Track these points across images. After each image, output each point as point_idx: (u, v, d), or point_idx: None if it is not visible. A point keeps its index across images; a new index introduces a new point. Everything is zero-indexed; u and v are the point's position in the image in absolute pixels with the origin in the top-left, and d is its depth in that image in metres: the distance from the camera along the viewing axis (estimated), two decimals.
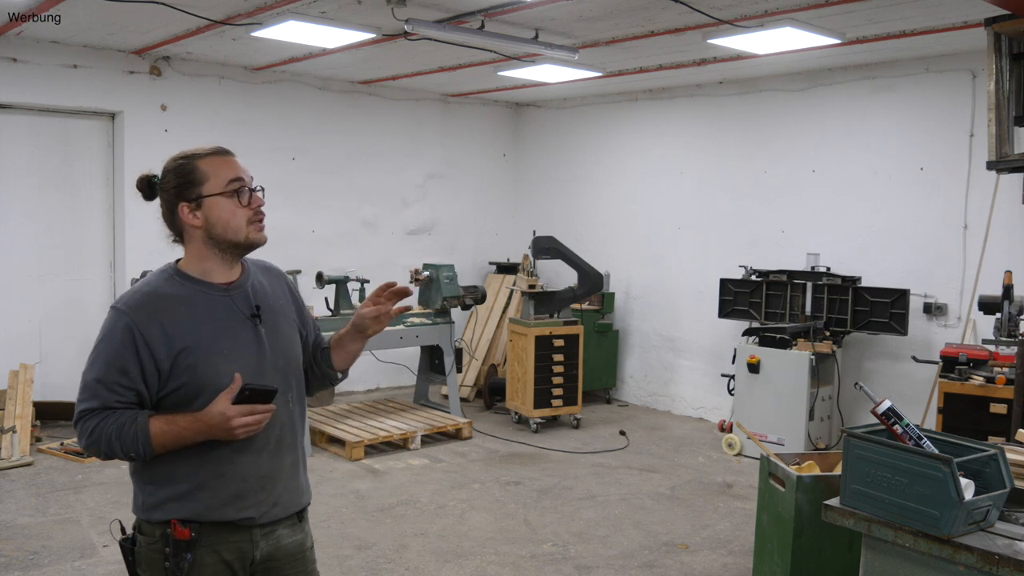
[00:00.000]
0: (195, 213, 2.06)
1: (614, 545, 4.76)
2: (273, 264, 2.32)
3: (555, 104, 9.13)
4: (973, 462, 2.42)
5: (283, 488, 2.14)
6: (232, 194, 2.05)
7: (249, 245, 2.10)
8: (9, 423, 5.99)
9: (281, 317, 2.20)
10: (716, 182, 7.66)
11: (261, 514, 2.08)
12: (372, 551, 4.59)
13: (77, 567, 4.29)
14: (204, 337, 2.01)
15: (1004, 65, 4.77)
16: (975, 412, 4.88)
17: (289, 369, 2.18)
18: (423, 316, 7.17)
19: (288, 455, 2.16)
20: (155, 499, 2.03)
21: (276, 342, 2.14)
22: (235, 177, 2.06)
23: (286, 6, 5.17)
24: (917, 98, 6.37)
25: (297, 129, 7.89)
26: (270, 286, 2.22)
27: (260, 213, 2.10)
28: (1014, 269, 5.26)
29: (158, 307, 2.00)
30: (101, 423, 1.96)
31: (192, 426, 1.95)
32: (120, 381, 1.96)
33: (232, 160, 2.11)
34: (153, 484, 2.04)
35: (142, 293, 2.04)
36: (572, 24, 5.58)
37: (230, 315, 2.08)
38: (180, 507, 2.01)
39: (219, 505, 2.03)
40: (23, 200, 6.78)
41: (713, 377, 7.57)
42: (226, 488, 2.03)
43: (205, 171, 2.06)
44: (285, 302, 2.25)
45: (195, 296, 2.06)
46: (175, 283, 2.07)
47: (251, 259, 2.23)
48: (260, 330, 2.11)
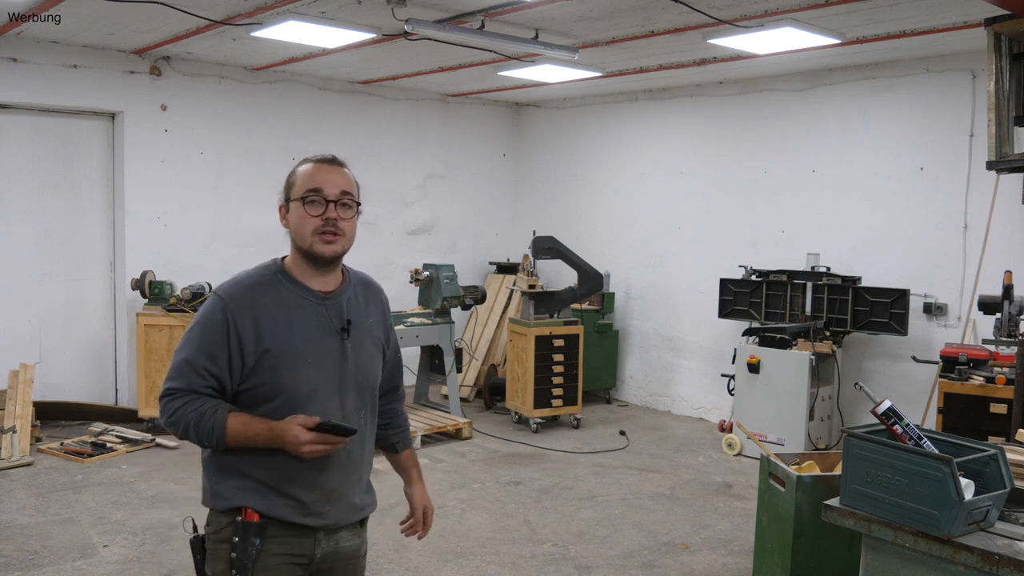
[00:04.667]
0: (285, 215, 2.14)
1: (614, 545, 4.76)
2: (373, 280, 2.35)
3: (555, 104, 9.13)
4: (973, 462, 2.43)
5: (347, 502, 2.18)
6: (305, 202, 2.08)
7: (313, 256, 2.10)
8: (9, 423, 5.99)
9: (368, 335, 2.22)
10: (716, 182, 7.65)
11: (323, 525, 2.12)
12: (372, 551, 4.59)
13: (77, 567, 4.29)
14: (292, 342, 2.05)
15: (1004, 65, 4.77)
16: (975, 412, 4.88)
17: (366, 386, 2.21)
18: (423, 316, 7.17)
19: (356, 470, 2.20)
20: (226, 487, 2.08)
21: (359, 359, 2.17)
22: (313, 188, 2.08)
23: (286, 6, 5.17)
24: (917, 98, 6.37)
25: (297, 129, 7.89)
26: (364, 302, 2.25)
27: (330, 225, 2.08)
28: (1014, 269, 5.26)
29: (255, 301, 2.05)
30: (184, 406, 2.02)
31: (265, 434, 2.00)
32: (207, 366, 2.02)
33: (324, 169, 2.12)
34: (223, 472, 2.08)
35: (243, 284, 2.09)
36: (572, 24, 5.58)
37: (321, 325, 2.11)
38: (249, 498, 2.06)
39: (283, 507, 2.07)
40: (23, 200, 6.78)
41: (713, 377, 7.57)
42: (293, 494, 2.08)
43: (298, 176, 2.12)
44: (375, 320, 2.27)
45: (292, 299, 2.09)
46: (276, 281, 2.11)
47: (355, 271, 2.28)
48: (347, 344, 2.14)
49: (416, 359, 7.78)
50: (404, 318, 7.07)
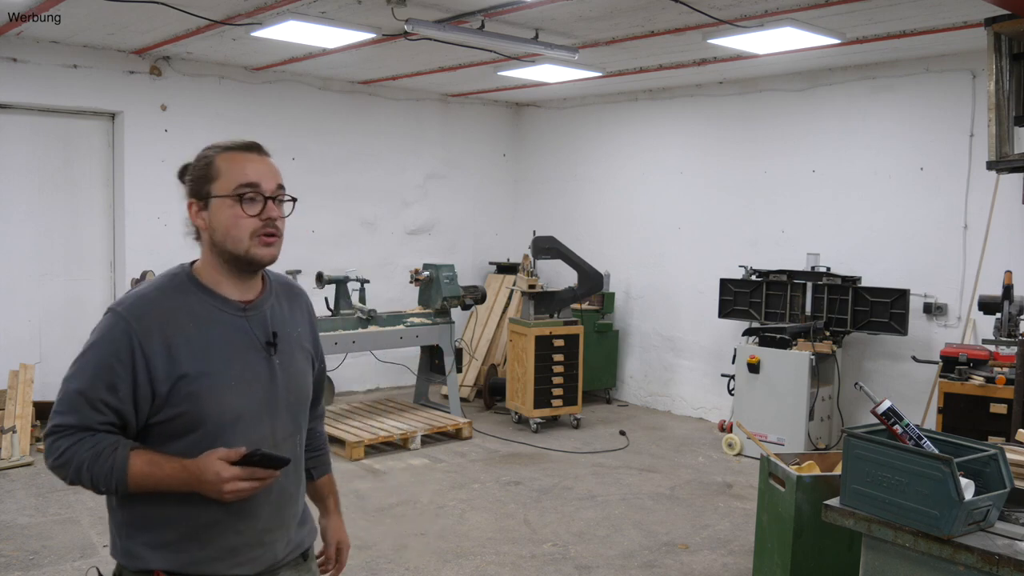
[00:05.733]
0: (201, 213, 1.81)
1: (614, 545, 4.76)
2: (295, 282, 2.07)
3: (555, 104, 9.13)
4: (973, 462, 2.42)
5: (284, 541, 1.90)
6: (238, 199, 1.77)
7: (249, 261, 1.80)
8: (9, 423, 5.99)
9: (297, 348, 1.94)
10: (716, 182, 7.65)
11: (256, 572, 1.84)
12: (372, 551, 4.59)
13: (77, 567, 4.28)
14: (213, 363, 1.75)
15: (1004, 65, 4.76)
16: (975, 412, 4.88)
17: (299, 407, 1.93)
18: (423, 316, 7.17)
19: (292, 504, 1.93)
20: (134, 544, 1.77)
21: (290, 376, 1.89)
22: (247, 182, 1.77)
23: (286, 6, 5.17)
24: (917, 98, 6.37)
25: (297, 129, 7.89)
26: (289, 310, 1.96)
27: (271, 226, 1.79)
28: (1014, 269, 5.26)
29: (165, 318, 1.74)
30: (75, 445, 1.69)
31: (178, 475, 1.69)
32: (106, 399, 1.70)
33: (255, 159, 1.82)
34: (132, 527, 1.78)
35: (148, 298, 1.77)
36: (572, 24, 5.58)
37: (244, 341, 1.82)
38: (164, 557, 1.75)
39: (208, 559, 1.78)
40: (23, 200, 6.78)
41: (713, 377, 7.57)
42: (219, 541, 1.78)
43: (220, 167, 1.79)
44: (303, 329, 1.99)
45: (208, 312, 1.79)
46: (187, 291, 1.80)
47: (273, 274, 1.97)
48: (274, 361, 1.85)
49: (416, 359, 7.78)
50: (404, 318, 7.08)
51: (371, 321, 6.84)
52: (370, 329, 6.83)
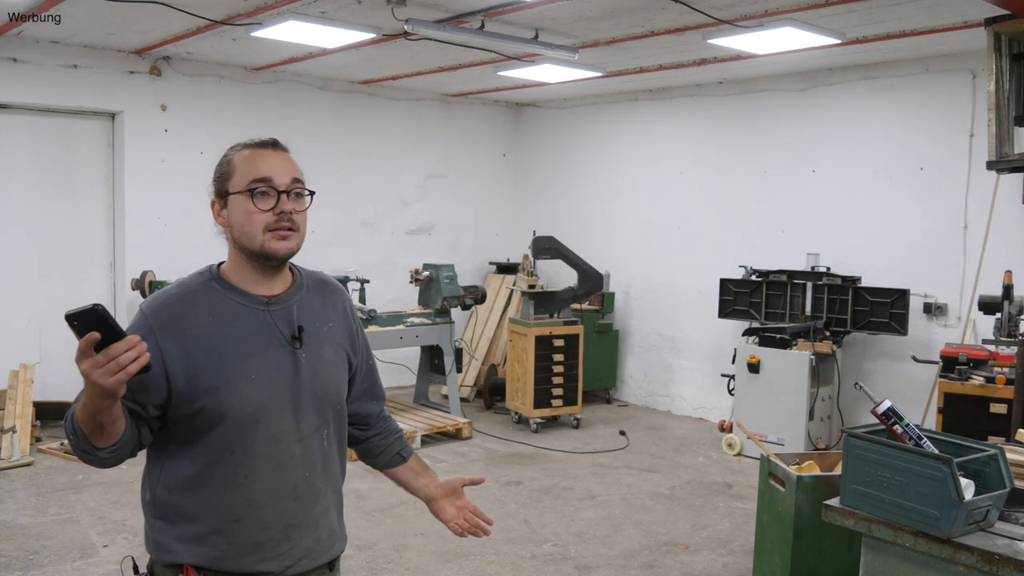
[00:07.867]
0: (223, 212, 1.86)
1: (614, 545, 4.76)
2: (331, 279, 2.05)
3: (555, 104, 9.13)
4: (973, 462, 2.43)
5: (312, 538, 1.89)
6: (250, 195, 1.80)
7: (266, 255, 1.81)
8: (9, 423, 5.99)
9: (327, 342, 1.93)
10: (716, 182, 7.65)
11: (283, 568, 1.84)
12: (372, 551, 4.60)
13: (77, 567, 4.29)
14: (230, 357, 1.78)
15: (1004, 65, 4.77)
16: (975, 412, 4.88)
17: (327, 403, 1.92)
18: (423, 316, 7.17)
19: (319, 500, 1.91)
20: (165, 538, 1.81)
21: (317, 371, 1.88)
22: (260, 177, 1.80)
23: (286, 6, 5.17)
24: (917, 98, 6.37)
25: (297, 129, 7.87)
26: (321, 305, 1.95)
27: (285, 220, 1.81)
28: (1014, 269, 5.26)
29: (184, 314, 1.78)
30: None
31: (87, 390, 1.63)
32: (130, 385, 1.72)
33: (268, 154, 1.84)
34: (163, 520, 1.82)
35: (171, 296, 1.83)
36: (572, 24, 5.58)
37: (265, 334, 1.83)
38: (192, 551, 1.79)
39: (235, 554, 1.80)
40: (23, 200, 6.78)
41: (713, 377, 7.57)
42: (244, 535, 1.80)
43: (236, 165, 1.83)
44: (336, 325, 1.97)
45: (229, 307, 1.82)
46: (211, 289, 1.84)
47: (308, 271, 2.00)
48: (299, 355, 1.85)
49: (416, 359, 7.78)
50: (404, 318, 7.08)
51: (371, 321, 6.84)
52: (370, 329, 6.82)
